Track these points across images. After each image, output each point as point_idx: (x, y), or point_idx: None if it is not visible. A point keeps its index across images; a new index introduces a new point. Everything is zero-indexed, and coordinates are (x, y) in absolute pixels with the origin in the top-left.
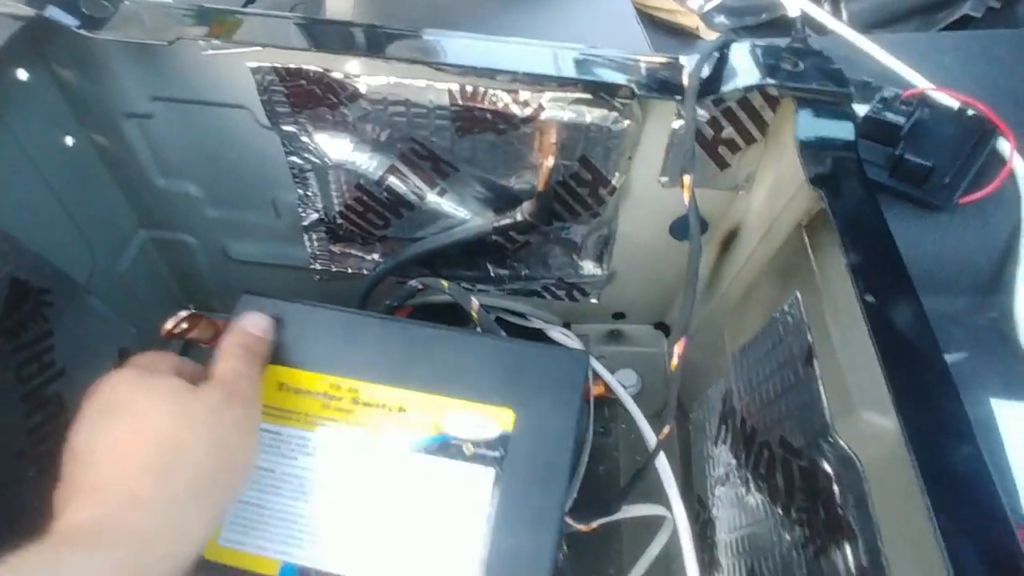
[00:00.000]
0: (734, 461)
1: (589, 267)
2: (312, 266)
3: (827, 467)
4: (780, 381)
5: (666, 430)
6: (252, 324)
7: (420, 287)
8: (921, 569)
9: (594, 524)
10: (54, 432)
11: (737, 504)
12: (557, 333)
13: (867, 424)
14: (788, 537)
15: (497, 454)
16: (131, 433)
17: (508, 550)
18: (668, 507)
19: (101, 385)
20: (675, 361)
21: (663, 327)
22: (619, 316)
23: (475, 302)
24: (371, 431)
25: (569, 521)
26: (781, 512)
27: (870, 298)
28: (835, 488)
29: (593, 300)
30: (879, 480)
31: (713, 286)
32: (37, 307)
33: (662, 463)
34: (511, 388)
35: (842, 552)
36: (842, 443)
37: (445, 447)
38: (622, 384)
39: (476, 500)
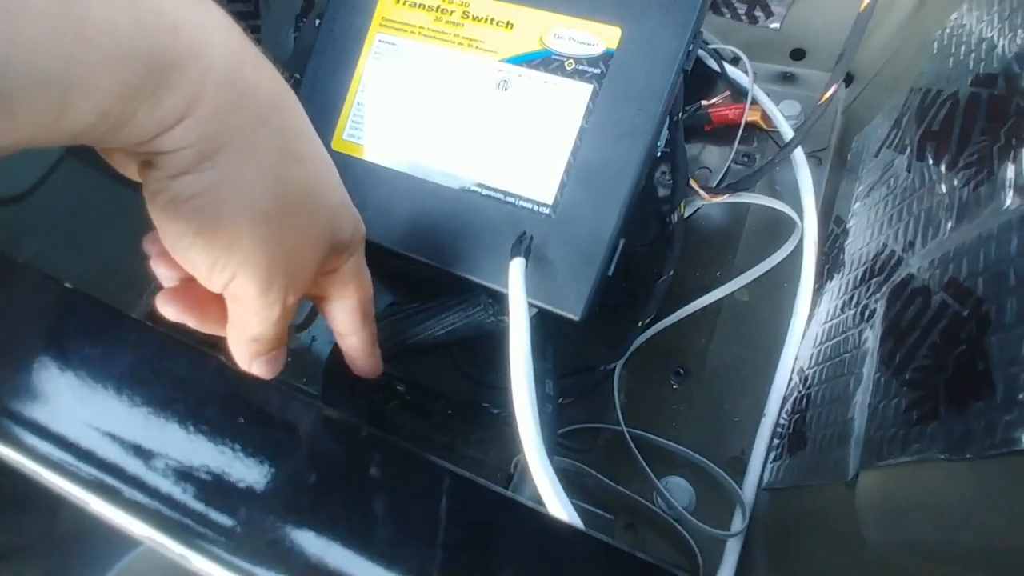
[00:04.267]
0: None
1: None
2: None
3: None
4: None
5: (831, 91)
6: None
7: None
8: None
9: (718, 198)
10: None
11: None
12: None
13: None
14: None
15: (598, 71)
16: None
17: (594, 160)
18: (799, 212)
19: None
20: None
21: (848, 79)
22: (799, 55)
23: None
24: (477, 45)
25: (695, 187)
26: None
27: None
28: None
29: (774, 25)
30: None
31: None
32: None
33: (800, 161)
34: (622, 4)
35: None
36: None
37: (547, 62)
38: (783, 113)
39: (570, 113)
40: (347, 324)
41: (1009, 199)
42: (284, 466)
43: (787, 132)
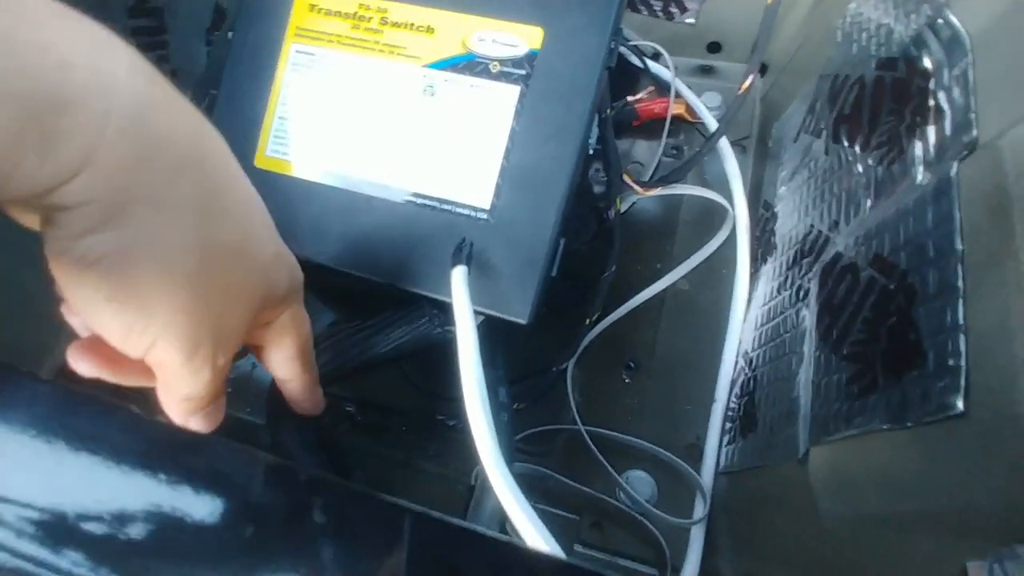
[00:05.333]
0: (815, 146)
1: None
2: None
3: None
4: None
5: (748, 81)
6: None
7: None
8: None
9: (653, 191)
10: None
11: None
12: None
13: None
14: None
15: (523, 72)
16: None
17: (528, 162)
18: (729, 199)
19: None
20: None
21: (763, 69)
22: (715, 48)
23: None
24: (399, 51)
25: (629, 182)
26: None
27: None
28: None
29: (690, 20)
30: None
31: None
32: None
33: (726, 151)
34: (542, 5)
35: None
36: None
37: (472, 65)
38: (706, 105)
39: (499, 116)
40: (286, 372)
41: (920, 175)
42: (216, 522)
43: (711, 123)
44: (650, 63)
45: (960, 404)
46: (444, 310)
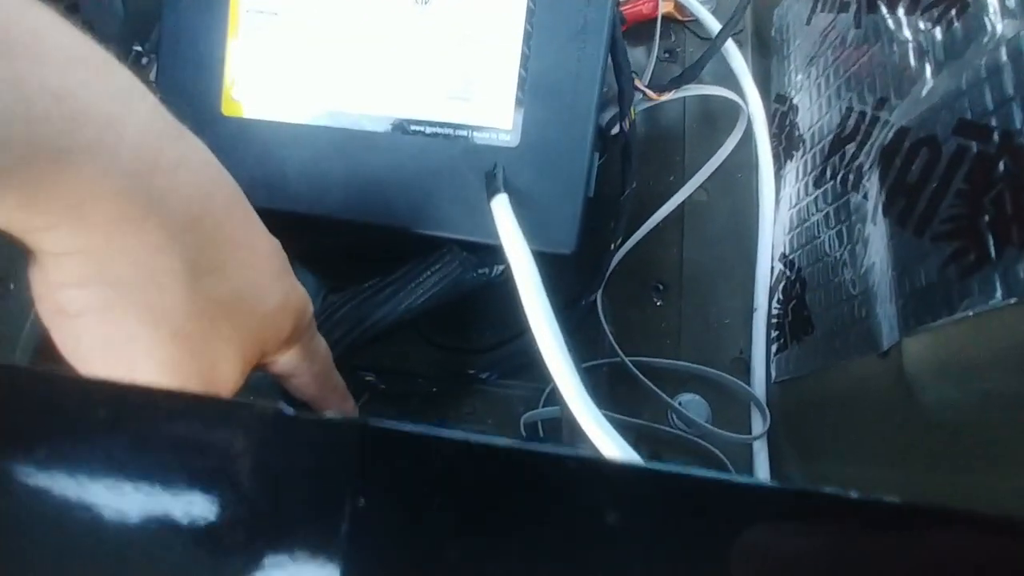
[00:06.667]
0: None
1: None
2: None
3: None
4: None
5: None
6: None
7: None
8: None
9: (666, 95)
10: None
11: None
12: None
13: None
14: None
15: None
16: None
17: (549, 68)
18: (741, 96)
19: None
20: None
21: None
22: None
23: None
24: None
25: (640, 86)
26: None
27: None
28: None
29: None
30: None
31: None
32: None
33: (728, 45)
34: None
35: None
36: None
37: None
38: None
39: (509, 18)
40: (304, 396)
41: (1000, 26)
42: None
43: (707, 18)
44: None
45: None
46: (475, 251)
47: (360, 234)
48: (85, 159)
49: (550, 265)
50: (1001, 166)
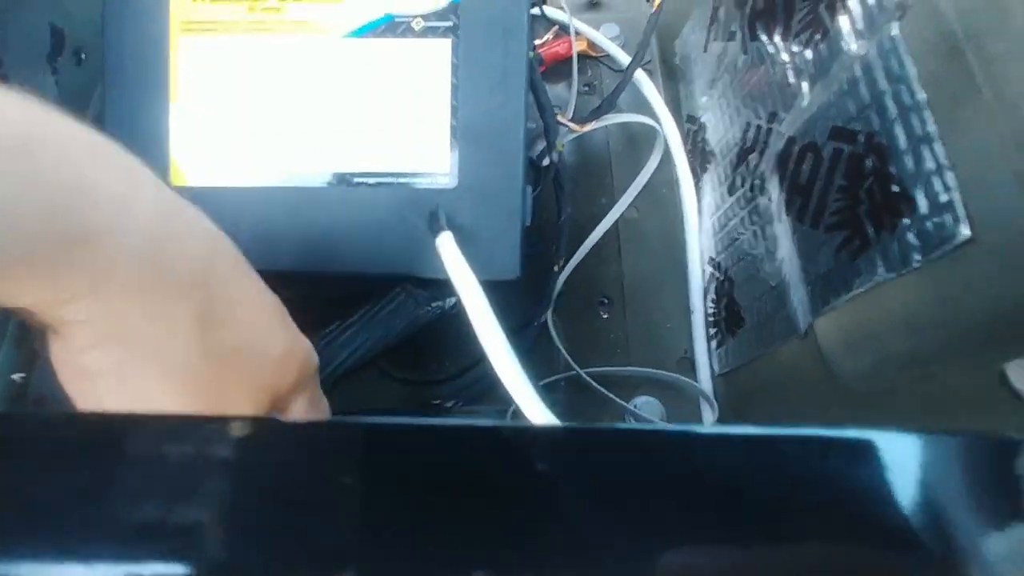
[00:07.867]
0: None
1: None
2: None
3: None
4: None
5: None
6: None
7: None
8: None
9: (588, 126)
10: None
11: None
12: None
13: None
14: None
15: (450, 23)
16: None
17: (478, 115)
18: (656, 120)
19: None
20: None
21: None
22: None
23: None
24: (308, 26)
25: (563, 120)
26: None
27: None
28: None
29: None
30: None
31: None
32: None
33: (639, 75)
34: None
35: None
36: None
37: (392, 27)
38: (606, 36)
39: (436, 75)
40: None
41: (854, 46)
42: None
43: (617, 52)
44: (545, 8)
45: (966, 231)
46: (427, 286)
47: (315, 283)
48: (103, 240)
49: (499, 291)
50: (868, 163)
